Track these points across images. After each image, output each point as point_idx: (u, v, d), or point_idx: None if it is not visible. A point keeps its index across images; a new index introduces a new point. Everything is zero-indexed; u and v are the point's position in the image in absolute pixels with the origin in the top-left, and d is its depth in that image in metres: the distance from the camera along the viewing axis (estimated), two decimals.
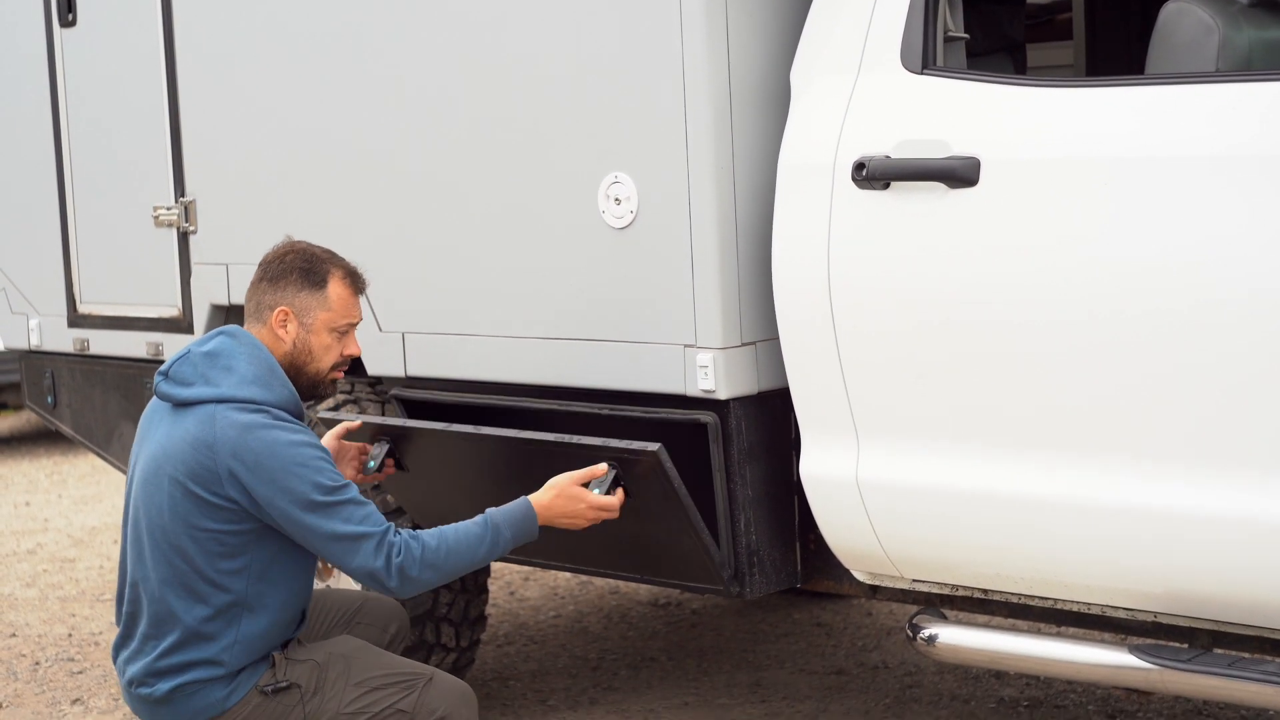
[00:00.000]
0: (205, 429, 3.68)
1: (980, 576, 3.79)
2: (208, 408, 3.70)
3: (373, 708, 3.78)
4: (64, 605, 6.65)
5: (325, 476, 3.67)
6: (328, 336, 3.88)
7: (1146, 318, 3.38)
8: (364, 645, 3.92)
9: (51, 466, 9.95)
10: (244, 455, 3.64)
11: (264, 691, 3.75)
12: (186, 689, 3.72)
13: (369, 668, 3.83)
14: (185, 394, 3.75)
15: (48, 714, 5.34)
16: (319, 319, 3.86)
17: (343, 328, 3.89)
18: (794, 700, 5.09)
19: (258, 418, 3.68)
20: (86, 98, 5.60)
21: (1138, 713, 4.80)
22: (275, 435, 3.67)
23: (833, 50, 3.84)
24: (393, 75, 4.57)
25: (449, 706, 3.81)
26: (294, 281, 3.86)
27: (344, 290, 3.90)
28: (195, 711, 3.74)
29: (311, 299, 3.85)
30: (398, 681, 3.82)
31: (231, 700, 3.74)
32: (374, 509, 3.70)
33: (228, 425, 3.67)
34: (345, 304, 3.90)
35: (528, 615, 6.17)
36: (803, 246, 3.82)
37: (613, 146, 4.08)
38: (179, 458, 3.70)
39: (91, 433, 5.90)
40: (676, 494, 3.85)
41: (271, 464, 3.64)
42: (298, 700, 3.77)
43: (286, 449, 3.65)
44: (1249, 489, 3.31)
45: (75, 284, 5.74)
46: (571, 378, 4.24)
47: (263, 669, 3.78)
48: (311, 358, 3.87)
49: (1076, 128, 3.51)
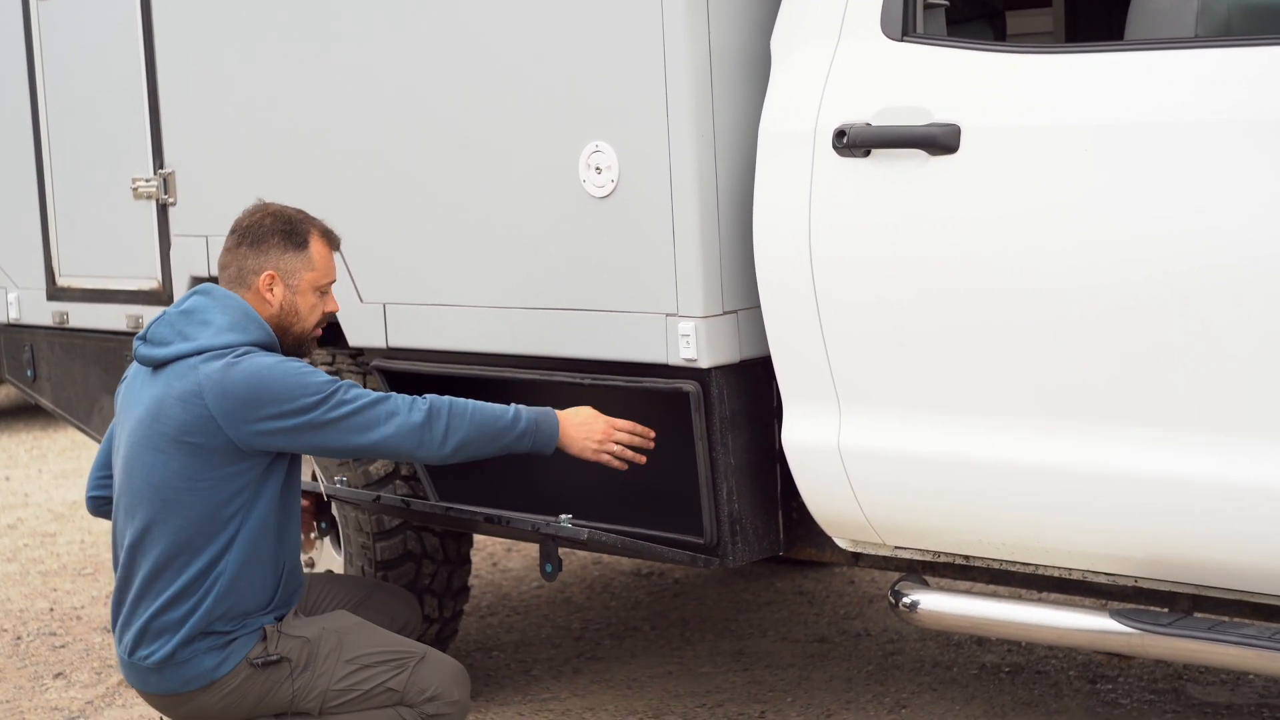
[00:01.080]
0: (189, 382, 3.71)
1: (962, 543, 3.80)
2: (188, 361, 3.74)
3: (362, 685, 3.79)
4: (45, 580, 6.64)
5: (314, 375, 3.73)
6: (312, 296, 3.94)
7: (1127, 285, 3.39)
8: (359, 622, 3.92)
9: (31, 441, 9.92)
10: (235, 391, 3.68)
11: (254, 664, 3.76)
12: (177, 656, 3.73)
13: (361, 645, 3.83)
14: (163, 353, 3.77)
15: (30, 688, 5.33)
16: (305, 279, 3.91)
17: (324, 286, 3.97)
18: (777, 668, 5.10)
19: (230, 356, 3.72)
20: (64, 70, 5.57)
21: (1119, 677, 4.82)
22: (254, 363, 3.71)
23: (813, 17, 3.84)
24: (371, 45, 4.55)
25: (440, 685, 3.82)
26: (276, 244, 3.89)
27: (323, 248, 3.97)
28: (185, 680, 3.75)
29: (296, 260, 3.89)
30: (389, 659, 3.82)
31: (222, 670, 3.75)
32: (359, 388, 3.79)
33: (209, 371, 3.71)
34: (326, 262, 3.97)
35: (510, 586, 6.17)
36: (784, 215, 3.82)
37: (593, 115, 4.07)
38: (168, 415, 3.71)
39: (72, 406, 5.89)
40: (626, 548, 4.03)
41: (262, 390, 3.68)
42: (287, 674, 3.77)
43: (269, 370, 3.71)
44: (1229, 453, 3.32)
45: (54, 257, 5.72)
46: (553, 347, 4.24)
47: (254, 641, 3.78)
48: (298, 318, 3.91)
49: (1057, 94, 3.51)
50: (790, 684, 4.96)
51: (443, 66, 4.39)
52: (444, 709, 3.82)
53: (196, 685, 3.75)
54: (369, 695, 3.79)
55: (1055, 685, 4.81)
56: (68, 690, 5.30)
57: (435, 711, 3.81)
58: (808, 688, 4.92)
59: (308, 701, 3.79)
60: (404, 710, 3.81)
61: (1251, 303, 3.25)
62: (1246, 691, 4.66)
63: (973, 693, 4.79)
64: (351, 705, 3.79)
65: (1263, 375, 3.26)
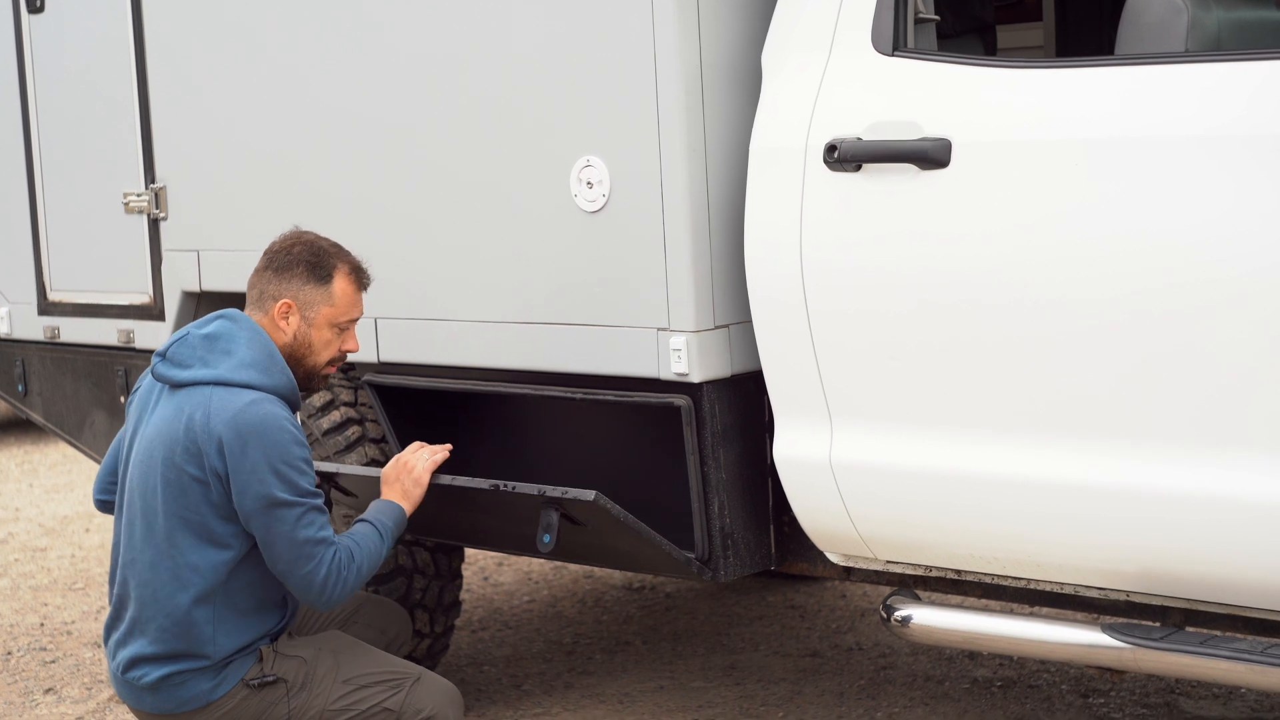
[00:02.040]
0: (200, 409, 3.67)
1: (954, 557, 3.80)
2: (205, 389, 3.70)
3: (359, 705, 3.78)
4: (36, 594, 6.63)
5: (306, 480, 3.67)
6: (328, 331, 3.88)
7: (1117, 300, 3.39)
8: (354, 642, 3.92)
9: (22, 455, 9.91)
10: (238, 428, 3.63)
11: (250, 685, 3.74)
12: (174, 679, 3.71)
13: (357, 665, 3.83)
14: (182, 376, 3.73)
15: (20, 704, 5.32)
16: (322, 313, 3.86)
17: (344, 324, 3.90)
18: (769, 683, 5.10)
19: (255, 395, 3.68)
20: (55, 84, 5.57)
21: (1111, 691, 4.82)
22: (271, 418, 3.65)
23: (804, 32, 3.84)
24: (362, 62, 4.56)
25: (436, 706, 3.81)
26: (299, 274, 3.85)
27: (348, 286, 3.90)
28: (181, 701, 3.73)
29: (316, 293, 3.85)
30: (385, 680, 3.82)
31: (218, 692, 3.73)
32: (329, 519, 3.74)
33: (222, 405, 3.66)
34: (349, 300, 3.90)
35: (502, 600, 6.17)
36: (775, 229, 3.83)
37: (584, 130, 4.07)
38: (173, 439, 3.69)
39: (63, 421, 5.88)
40: (626, 525, 3.92)
41: (259, 446, 3.63)
42: (283, 695, 3.76)
43: (278, 434, 3.65)
44: (1222, 468, 3.32)
45: (45, 271, 5.71)
46: (545, 362, 4.24)
47: (250, 661, 3.76)
48: (310, 351, 3.86)
49: (1048, 109, 3.52)
50: (782, 698, 4.95)
51: (435, 83, 4.39)
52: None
53: (193, 706, 3.73)
54: (366, 715, 3.78)
55: (1048, 700, 4.81)
56: (58, 705, 5.29)
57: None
58: (799, 702, 4.91)
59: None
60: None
61: (1244, 317, 3.26)
62: (1239, 706, 4.66)
63: (965, 707, 4.79)
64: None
65: (1257, 390, 3.27)
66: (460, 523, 4.41)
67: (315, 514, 3.67)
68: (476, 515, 4.27)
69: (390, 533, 3.85)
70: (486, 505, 4.13)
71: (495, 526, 4.30)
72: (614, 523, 3.94)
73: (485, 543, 4.69)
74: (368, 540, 3.79)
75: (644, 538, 3.96)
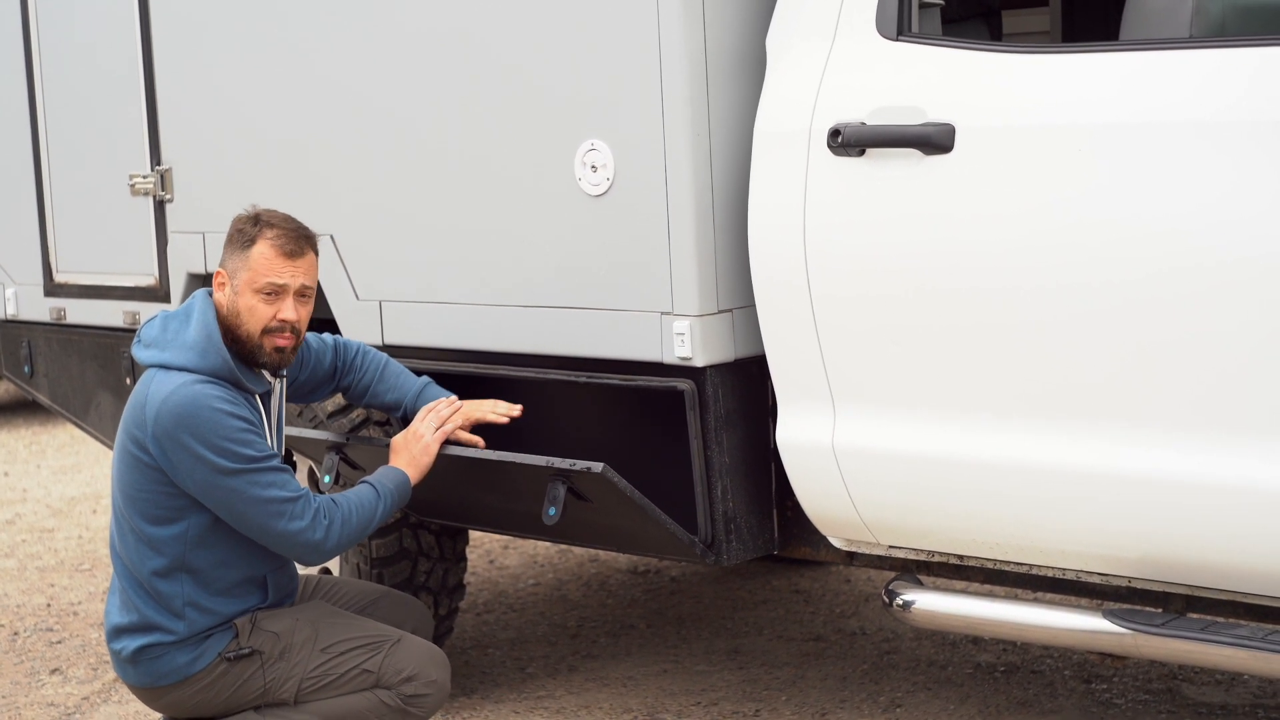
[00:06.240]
0: (143, 393, 3.76)
1: (956, 542, 3.80)
2: (150, 372, 3.79)
3: (338, 669, 3.80)
4: (43, 575, 6.64)
5: (250, 448, 3.69)
6: (251, 298, 3.83)
7: (1120, 285, 3.39)
8: (335, 611, 3.93)
9: (30, 436, 9.93)
10: (166, 412, 3.68)
11: (227, 658, 3.78)
12: (150, 651, 3.77)
13: (336, 632, 3.84)
14: (143, 356, 3.84)
15: (26, 684, 5.34)
16: (242, 280, 3.85)
17: (264, 288, 3.82)
18: (772, 667, 5.10)
19: (186, 378, 3.71)
20: (61, 65, 5.57)
21: (1113, 677, 4.82)
22: (198, 397, 3.68)
23: (808, 16, 3.84)
24: (366, 44, 4.55)
25: (417, 665, 3.81)
26: (231, 244, 3.90)
27: (268, 250, 3.83)
28: (159, 675, 3.79)
29: (238, 260, 3.86)
30: (365, 644, 3.83)
31: (196, 666, 3.77)
32: (293, 476, 3.73)
33: (158, 390, 3.72)
34: (266, 263, 3.82)
35: (507, 583, 6.17)
36: (779, 213, 3.82)
37: (589, 113, 4.07)
38: (129, 420, 3.80)
39: (69, 402, 5.89)
40: (632, 500, 3.92)
41: (186, 428, 3.66)
42: (258, 666, 3.79)
43: (205, 413, 3.68)
44: (1224, 454, 3.32)
45: (51, 253, 5.72)
46: (549, 345, 4.24)
47: (229, 636, 3.80)
48: (239, 320, 3.84)
49: (1052, 94, 3.51)
50: (785, 682, 4.96)
51: (440, 65, 4.39)
52: (422, 689, 3.81)
53: (171, 680, 3.78)
54: (344, 678, 3.79)
55: (1050, 685, 4.81)
56: (64, 686, 5.30)
57: (414, 692, 3.81)
58: (803, 686, 4.92)
59: (282, 691, 3.79)
60: (381, 693, 3.80)
61: (1246, 303, 3.25)
62: (1241, 692, 4.66)
63: (967, 692, 4.79)
64: (327, 690, 3.79)
65: (1259, 375, 3.26)
66: (465, 502, 4.41)
67: (272, 474, 3.70)
68: (482, 492, 4.27)
69: (389, 493, 3.86)
70: (492, 480, 4.13)
71: (500, 504, 4.31)
72: (620, 498, 3.93)
73: (490, 522, 4.70)
74: (359, 494, 3.83)
75: (649, 515, 3.95)
